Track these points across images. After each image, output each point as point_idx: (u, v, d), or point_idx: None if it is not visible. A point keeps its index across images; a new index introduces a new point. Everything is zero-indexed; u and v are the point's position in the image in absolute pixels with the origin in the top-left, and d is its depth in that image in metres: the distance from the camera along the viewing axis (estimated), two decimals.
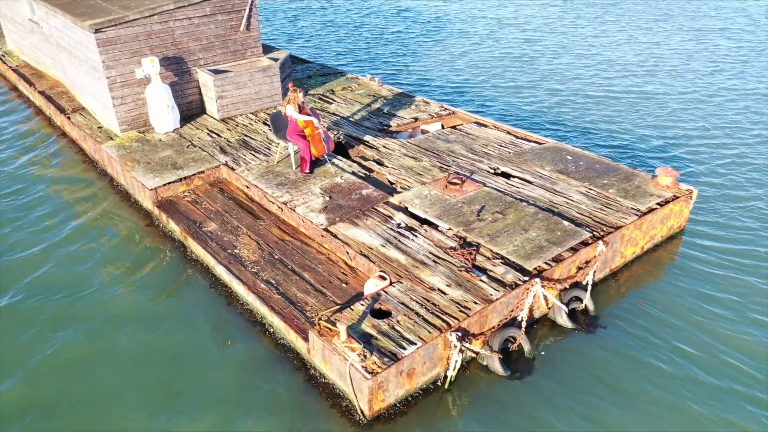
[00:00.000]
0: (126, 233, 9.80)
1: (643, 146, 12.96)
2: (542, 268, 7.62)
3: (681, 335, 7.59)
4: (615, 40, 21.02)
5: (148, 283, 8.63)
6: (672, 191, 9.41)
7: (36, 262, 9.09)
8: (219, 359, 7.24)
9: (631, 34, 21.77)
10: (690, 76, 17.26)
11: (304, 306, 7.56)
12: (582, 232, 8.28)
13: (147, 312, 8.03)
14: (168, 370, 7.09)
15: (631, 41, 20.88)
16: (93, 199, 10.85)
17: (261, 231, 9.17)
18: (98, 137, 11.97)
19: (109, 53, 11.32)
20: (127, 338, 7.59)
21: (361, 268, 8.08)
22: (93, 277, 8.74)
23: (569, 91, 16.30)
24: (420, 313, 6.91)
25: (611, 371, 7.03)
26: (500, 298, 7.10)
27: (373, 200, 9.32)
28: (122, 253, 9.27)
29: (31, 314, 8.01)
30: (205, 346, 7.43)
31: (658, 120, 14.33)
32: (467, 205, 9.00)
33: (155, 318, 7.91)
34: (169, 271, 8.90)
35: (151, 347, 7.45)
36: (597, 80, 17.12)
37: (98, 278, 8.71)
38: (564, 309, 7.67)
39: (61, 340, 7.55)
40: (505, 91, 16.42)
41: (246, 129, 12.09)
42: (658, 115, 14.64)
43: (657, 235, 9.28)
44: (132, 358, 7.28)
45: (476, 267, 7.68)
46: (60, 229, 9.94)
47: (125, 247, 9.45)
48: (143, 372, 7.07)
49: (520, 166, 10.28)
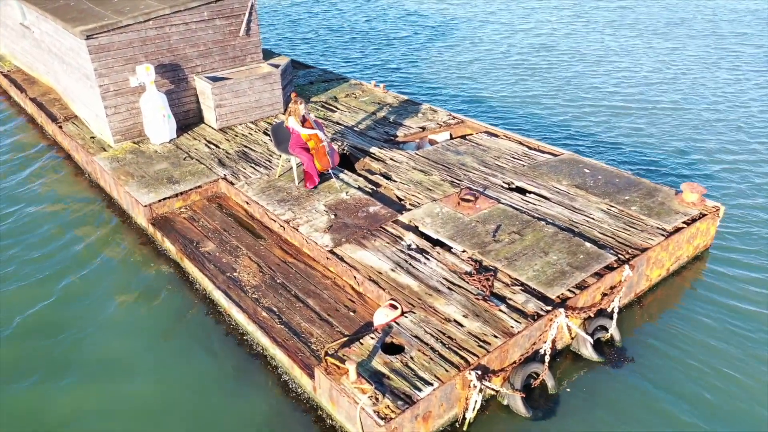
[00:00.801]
0: (119, 254, 9.23)
1: (660, 158, 12.40)
2: (565, 296, 7.07)
3: (714, 367, 7.04)
4: (629, 45, 20.37)
5: (140, 312, 8.05)
6: (698, 208, 8.86)
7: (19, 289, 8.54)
8: (218, 402, 6.67)
9: (647, 39, 21.06)
10: (710, 84, 16.51)
11: (309, 337, 7.00)
12: (606, 255, 7.72)
13: (135, 351, 7.33)
14: (157, 420, 6.50)
15: (647, 46, 20.16)
16: (84, 215, 10.28)
17: (262, 252, 8.60)
18: (90, 148, 11.41)
19: (101, 60, 10.75)
20: (108, 390, 6.84)
21: (370, 294, 7.52)
22: (82, 306, 8.19)
23: (581, 99, 15.74)
24: (435, 348, 6.35)
25: (643, 412, 6.47)
26: (522, 331, 6.54)
27: (381, 218, 8.76)
28: (116, 278, 8.70)
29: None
30: (204, 388, 6.86)
31: (676, 130, 13.77)
32: (482, 225, 8.45)
33: (145, 359, 7.24)
34: (163, 295, 8.33)
35: (140, 398, 6.71)
36: (609, 87, 16.56)
37: (88, 307, 8.15)
38: (589, 340, 7.11)
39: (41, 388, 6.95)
40: (513, 98, 15.86)
41: (246, 139, 11.53)
42: (677, 125, 14.06)
43: (683, 255, 8.73)
44: (115, 414, 6.55)
45: (494, 295, 7.12)
46: (48, 248, 9.38)
47: (118, 269, 8.88)
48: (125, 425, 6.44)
49: (536, 181, 9.73)
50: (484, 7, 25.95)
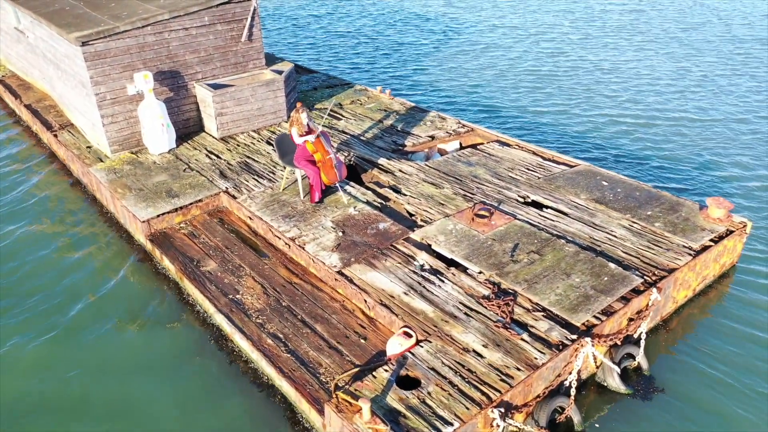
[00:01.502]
0: (115, 274, 8.79)
1: (678, 169, 11.95)
2: (591, 323, 6.62)
3: (745, 395, 6.60)
4: (645, 50, 19.82)
5: (138, 341, 7.59)
6: (724, 224, 8.42)
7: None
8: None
9: (664, 43, 20.46)
10: (732, 92, 15.87)
11: (317, 367, 6.56)
12: (632, 276, 7.27)
13: (132, 388, 6.87)
14: None
15: (664, 52, 19.58)
16: (79, 229, 9.84)
17: (266, 271, 8.16)
18: (87, 158, 10.96)
19: (97, 68, 10.30)
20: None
21: (382, 320, 7.08)
22: (73, 328, 7.74)
23: (594, 106, 15.29)
24: (454, 382, 5.91)
25: None
26: (547, 363, 6.10)
27: (392, 236, 8.32)
28: (112, 303, 8.25)
29: None
30: (206, 418, 6.42)
31: (693, 139, 13.31)
32: (498, 243, 8.00)
33: (143, 393, 6.77)
34: (163, 319, 7.88)
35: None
36: (623, 94, 16.09)
37: (84, 339, 7.71)
38: (616, 370, 6.67)
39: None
40: (524, 105, 15.41)
41: (248, 149, 11.08)
42: (694, 134, 13.61)
43: (709, 274, 8.29)
44: None
45: (515, 321, 6.68)
46: (41, 264, 8.94)
47: (114, 292, 8.44)
48: None
49: (552, 194, 9.28)
50: (493, 11, 25.32)
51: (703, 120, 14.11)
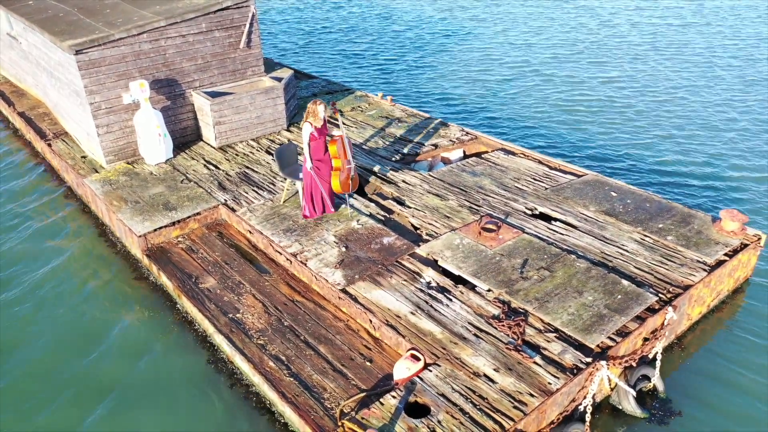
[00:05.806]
0: (110, 293, 8.52)
1: (687, 179, 11.71)
2: (606, 344, 6.38)
3: (762, 413, 6.38)
4: (652, 54, 19.56)
5: (134, 363, 7.33)
6: (739, 237, 8.18)
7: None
8: None
9: (671, 47, 20.20)
10: (743, 98, 15.54)
11: (321, 392, 6.30)
12: (646, 294, 7.03)
13: (127, 418, 6.61)
14: None
15: (672, 56, 19.28)
16: (73, 243, 9.56)
17: (267, 289, 7.89)
18: (81, 169, 10.68)
19: (92, 77, 10.03)
20: None
21: (388, 341, 6.82)
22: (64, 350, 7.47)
23: (600, 113, 15.05)
24: (465, 409, 5.66)
25: None
26: (561, 388, 5.85)
27: (397, 251, 8.06)
28: (106, 320, 7.99)
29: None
30: None
31: (701, 148, 13.08)
32: (507, 258, 7.75)
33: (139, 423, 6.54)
34: (159, 337, 7.61)
35: None
36: (630, 101, 15.84)
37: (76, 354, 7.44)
38: (632, 393, 6.42)
39: None
40: (527, 113, 15.15)
41: (247, 159, 10.81)
42: (702, 143, 13.36)
43: (723, 289, 8.06)
44: None
45: (526, 343, 6.43)
46: (28, 280, 8.67)
47: (110, 311, 8.17)
48: None
49: (560, 206, 9.04)
50: (496, 18, 24.91)
51: (712, 129, 13.87)
